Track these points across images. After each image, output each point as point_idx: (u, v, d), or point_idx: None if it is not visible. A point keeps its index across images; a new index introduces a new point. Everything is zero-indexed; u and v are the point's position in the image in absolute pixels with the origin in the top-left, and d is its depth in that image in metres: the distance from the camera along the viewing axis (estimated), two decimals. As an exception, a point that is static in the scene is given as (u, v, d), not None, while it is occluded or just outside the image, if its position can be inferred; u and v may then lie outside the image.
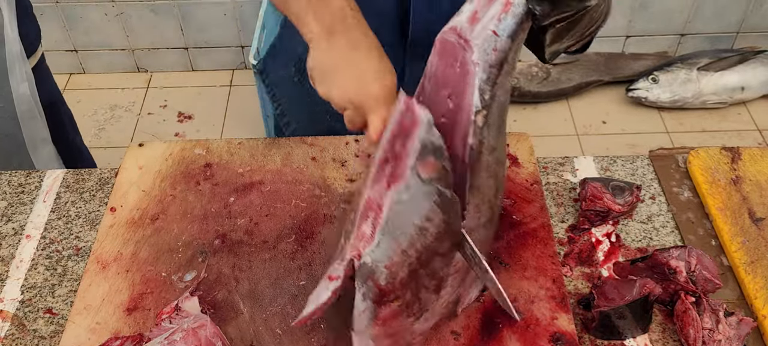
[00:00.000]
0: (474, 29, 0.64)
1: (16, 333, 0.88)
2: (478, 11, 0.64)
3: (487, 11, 0.63)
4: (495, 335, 0.84)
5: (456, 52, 0.65)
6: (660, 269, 0.88)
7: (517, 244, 0.95)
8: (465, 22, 0.65)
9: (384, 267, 0.68)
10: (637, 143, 2.40)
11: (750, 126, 2.46)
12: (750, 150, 1.08)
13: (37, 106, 1.35)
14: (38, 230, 1.01)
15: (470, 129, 0.65)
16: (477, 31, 0.64)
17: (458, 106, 0.66)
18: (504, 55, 0.64)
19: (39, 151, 1.39)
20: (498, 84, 0.65)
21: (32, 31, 1.37)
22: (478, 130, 0.65)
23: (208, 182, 1.04)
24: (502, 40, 0.63)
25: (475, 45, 0.64)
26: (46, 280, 0.94)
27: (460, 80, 0.65)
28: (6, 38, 1.24)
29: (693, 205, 1.03)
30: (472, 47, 0.64)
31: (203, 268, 0.93)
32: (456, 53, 0.65)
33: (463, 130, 0.66)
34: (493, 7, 0.63)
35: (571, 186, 1.06)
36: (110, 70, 2.72)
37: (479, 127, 0.65)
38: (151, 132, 2.48)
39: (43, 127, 1.38)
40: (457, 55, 0.65)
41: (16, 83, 1.28)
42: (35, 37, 1.39)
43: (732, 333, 0.82)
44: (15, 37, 1.26)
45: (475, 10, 0.64)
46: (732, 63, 2.45)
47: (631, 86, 2.50)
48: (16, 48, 1.26)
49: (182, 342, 0.77)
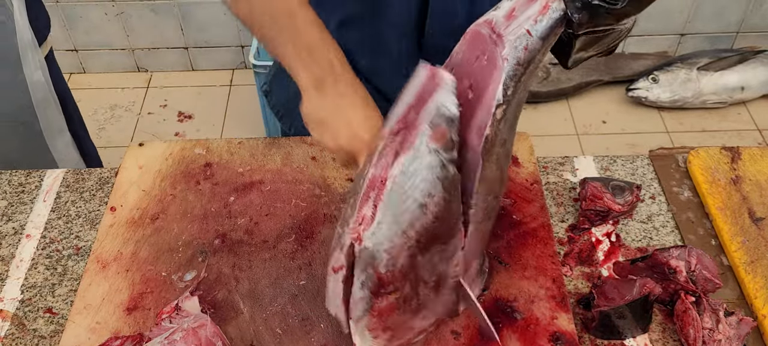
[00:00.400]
0: (509, 25, 0.65)
1: (16, 333, 0.88)
2: (516, 9, 0.65)
3: (525, 10, 0.65)
4: (495, 335, 0.84)
5: (485, 45, 0.67)
6: (660, 269, 0.88)
7: (517, 243, 0.95)
8: (501, 17, 0.66)
9: (384, 252, 0.69)
10: (637, 143, 2.40)
11: (750, 126, 2.46)
12: (750, 150, 1.08)
13: (52, 95, 1.35)
14: (38, 229, 1.01)
15: (489, 121, 0.67)
16: (511, 27, 0.65)
17: (478, 98, 0.68)
18: (533, 55, 0.66)
19: (56, 139, 1.39)
20: (521, 82, 0.67)
21: (42, 18, 1.37)
22: (496, 122, 0.67)
23: (208, 181, 1.04)
24: (534, 40, 0.65)
25: (507, 41, 0.65)
26: (46, 279, 0.94)
27: (486, 73, 0.67)
28: (17, 25, 1.24)
29: (693, 205, 1.03)
30: (504, 43, 0.65)
31: (203, 267, 0.93)
32: (485, 46, 0.67)
33: (480, 121, 0.68)
34: (531, 8, 0.65)
35: (571, 186, 1.06)
36: (110, 69, 2.72)
37: (497, 120, 0.67)
38: (151, 132, 2.48)
39: (59, 115, 1.38)
40: (486, 49, 0.67)
41: (30, 71, 1.28)
42: (45, 26, 1.38)
43: (732, 333, 0.82)
44: (25, 25, 1.25)
45: (513, 7, 0.66)
46: (732, 63, 2.45)
47: (631, 86, 2.50)
48: (27, 35, 1.26)
49: (182, 342, 0.77)
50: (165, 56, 2.69)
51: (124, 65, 2.71)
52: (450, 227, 0.70)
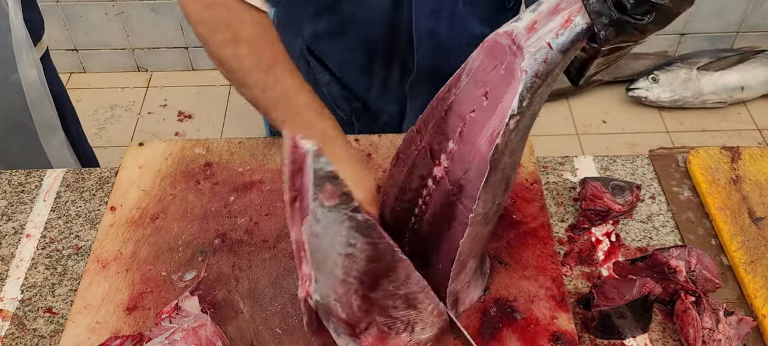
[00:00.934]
0: (530, 38, 0.65)
1: (16, 332, 0.88)
2: (538, 22, 0.65)
3: (547, 23, 0.65)
4: (495, 335, 0.84)
5: (504, 56, 0.67)
6: (660, 269, 0.88)
7: (517, 243, 0.95)
8: (522, 29, 0.66)
9: (334, 301, 0.69)
10: (637, 143, 2.40)
11: (750, 125, 2.46)
12: (750, 150, 1.08)
13: (47, 94, 1.35)
14: (38, 229, 1.01)
15: (501, 129, 0.67)
16: (532, 40, 0.65)
17: (493, 106, 0.68)
18: (552, 68, 0.66)
19: (50, 139, 1.39)
20: (537, 94, 0.67)
21: (36, 18, 1.37)
22: (508, 132, 0.67)
23: (208, 181, 1.05)
24: (554, 54, 0.65)
25: (527, 53, 0.65)
26: (46, 279, 0.94)
27: (502, 82, 0.67)
28: (11, 24, 1.24)
29: (693, 204, 1.03)
30: (524, 55, 0.65)
31: (203, 267, 0.93)
32: (504, 56, 0.67)
33: (492, 128, 0.68)
34: (553, 21, 0.65)
35: (571, 186, 1.06)
36: (110, 69, 2.72)
37: (510, 130, 0.67)
38: (151, 131, 2.48)
39: (53, 115, 1.38)
40: (505, 58, 0.67)
41: (25, 70, 1.28)
42: (39, 26, 1.38)
43: (732, 333, 0.82)
44: (20, 23, 1.25)
45: (535, 20, 0.66)
46: (732, 63, 2.45)
47: (631, 86, 2.50)
48: (22, 34, 1.26)
49: (182, 342, 0.77)
50: (165, 56, 2.69)
51: (124, 65, 2.71)
52: (387, 262, 0.69)
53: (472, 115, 0.71)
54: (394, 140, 1.10)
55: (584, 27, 0.64)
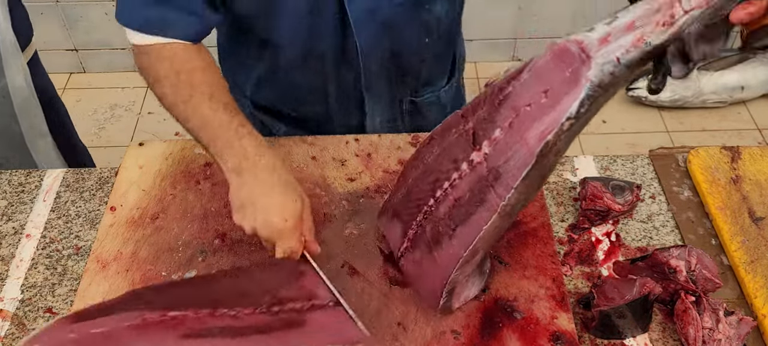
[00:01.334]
0: (600, 49, 0.69)
1: (16, 332, 0.88)
2: (611, 35, 0.69)
3: (619, 39, 0.68)
4: (495, 335, 0.84)
5: (572, 61, 0.70)
6: (660, 269, 0.88)
7: (517, 243, 0.95)
8: (595, 40, 0.69)
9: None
10: (637, 143, 2.39)
11: (750, 125, 2.46)
12: (750, 149, 1.08)
13: (34, 99, 1.35)
14: (38, 229, 1.01)
15: (555, 128, 0.70)
16: (602, 52, 0.69)
17: (551, 105, 0.71)
18: (616, 81, 0.69)
19: (38, 145, 1.39)
20: (596, 102, 0.70)
21: (24, 24, 1.36)
22: (561, 132, 0.71)
23: (208, 181, 1.04)
24: (620, 68, 0.68)
25: (595, 64, 0.69)
26: (46, 279, 0.94)
27: (566, 86, 0.70)
28: None
29: (693, 204, 1.03)
30: (591, 65, 0.69)
31: (203, 267, 0.93)
32: (572, 62, 0.70)
33: (546, 125, 0.71)
34: (625, 37, 0.68)
35: (571, 185, 1.06)
36: (110, 69, 2.72)
37: (563, 131, 0.71)
38: (152, 131, 2.48)
39: (41, 120, 1.38)
40: (572, 65, 0.70)
41: (12, 75, 1.28)
42: (27, 29, 1.38)
43: (732, 332, 0.82)
44: (7, 28, 1.25)
45: (608, 33, 0.69)
46: (732, 62, 2.45)
47: (631, 86, 2.49)
48: (9, 38, 1.25)
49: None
50: (165, 56, 2.69)
51: (124, 65, 2.71)
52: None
53: (527, 108, 0.73)
54: (394, 140, 1.10)
55: (652, 47, 0.67)
